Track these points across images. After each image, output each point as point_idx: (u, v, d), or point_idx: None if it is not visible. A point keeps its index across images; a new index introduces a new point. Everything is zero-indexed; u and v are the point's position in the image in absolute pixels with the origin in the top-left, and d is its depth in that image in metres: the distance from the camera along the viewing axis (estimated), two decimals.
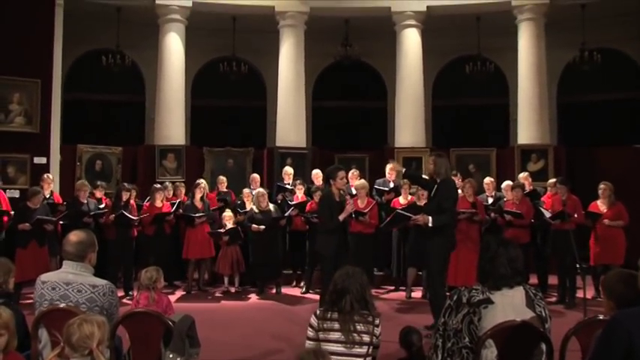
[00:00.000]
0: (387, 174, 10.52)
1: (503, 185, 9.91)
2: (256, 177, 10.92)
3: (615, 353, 2.78)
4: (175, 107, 13.10)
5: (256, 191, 9.92)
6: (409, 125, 13.25)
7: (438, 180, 6.73)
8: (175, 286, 9.97)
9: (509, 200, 9.32)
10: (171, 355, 4.12)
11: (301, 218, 9.90)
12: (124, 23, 13.21)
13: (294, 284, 10.18)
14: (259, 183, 10.80)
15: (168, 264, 8.82)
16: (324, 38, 13.72)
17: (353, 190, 9.66)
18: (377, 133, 15.10)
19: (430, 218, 6.62)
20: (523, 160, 12.41)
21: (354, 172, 10.36)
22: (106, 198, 10.00)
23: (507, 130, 14.43)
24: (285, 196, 10.50)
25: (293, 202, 10.00)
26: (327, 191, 7.15)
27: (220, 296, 9.41)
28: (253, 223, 9.54)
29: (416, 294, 9.30)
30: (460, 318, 3.33)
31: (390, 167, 10.31)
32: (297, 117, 13.29)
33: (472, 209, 8.72)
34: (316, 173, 10.63)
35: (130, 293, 8.87)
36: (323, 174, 9.93)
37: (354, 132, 15.42)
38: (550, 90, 13.64)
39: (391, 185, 10.31)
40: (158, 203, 9.73)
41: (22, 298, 7.93)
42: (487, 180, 10.34)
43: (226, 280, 9.66)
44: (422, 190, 8.85)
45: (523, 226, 8.99)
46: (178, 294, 9.49)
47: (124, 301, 8.01)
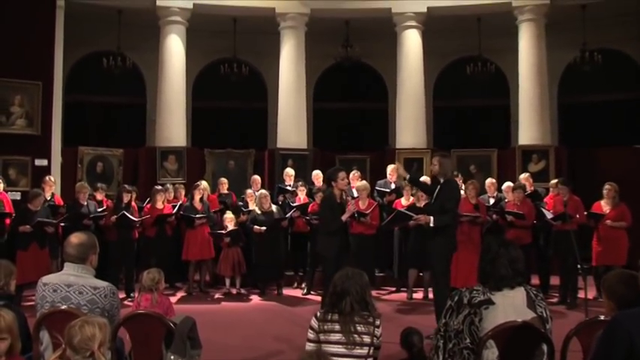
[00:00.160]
0: (389, 175, 10.52)
1: (503, 186, 9.90)
2: (257, 178, 10.93)
3: (616, 354, 2.78)
4: (176, 109, 13.10)
5: (259, 192, 9.93)
6: (410, 126, 13.25)
7: (442, 180, 6.73)
8: (176, 288, 9.97)
9: (510, 201, 9.32)
10: (172, 357, 4.12)
11: (303, 220, 9.90)
12: (125, 25, 13.20)
13: (295, 285, 10.18)
14: (260, 184, 10.82)
15: (169, 265, 8.85)
16: (325, 39, 13.72)
17: (354, 192, 9.66)
18: (378, 134, 15.09)
19: (432, 218, 6.62)
20: (524, 161, 12.40)
21: (355, 174, 10.37)
22: (107, 200, 10.02)
23: (508, 131, 14.42)
24: (285, 198, 10.51)
25: (295, 204, 10.00)
26: (329, 192, 7.15)
27: (221, 298, 9.41)
28: (255, 225, 9.55)
29: (417, 295, 9.30)
30: (461, 319, 3.33)
31: (393, 168, 10.38)
32: (298, 118, 13.29)
33: (475, 211, 8.71)
34: (316, 174, 10.64)
35: (132, 295, 8.86)
36: (324, 175, 9.95)
37: (355, 133, 15.41)
38: (551, 90, 13.63)
39: (392, 186, 10.31)
40: (159, 205, 9.72)
41: (24, 301, 7.93)
42: (489, 181, 10.32)
43: (227, 282, 9.66)
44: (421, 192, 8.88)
45: (524, 227, 8.99)
46: (179, 295, 9.50)
47: (126, 303, 7.99)
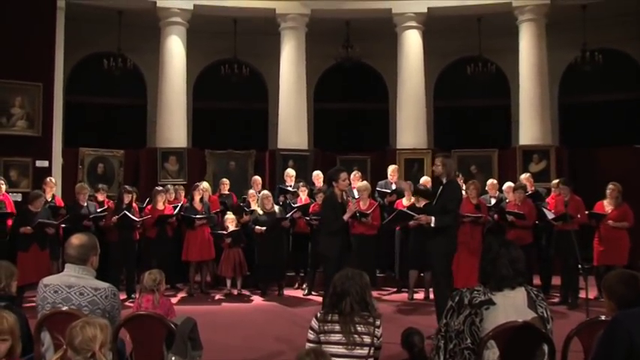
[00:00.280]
0: (389, 176, 10.53)
1: (504, 187, 9.89)
2: (258, 179, 10.94)
3: (616, 353, 2.78)
4: (177, 110, 13.11)
5: (261, 193, 9.93)
6: (411, 126, 13.25)
7: (444, 181, 6.72)
8: (177, 289, 9.97)
9: (511, 201, 9.32)
10: (173, 358, 4.12)
11: (304, 220, 9.90)
12: (126, 26, 13.22)
13: (296, 286, 10.18)
14: (261, 185, 10.83)
15: (170, 266, 8.84)
16: (325, 40, 13.73)
17: (355, 193, 9.65)
18: (378, 135, 15.09)
19: (433, 219, 6.62)
20: (525, 161, 12.41)
21: (356, 174, 10.38)
22: (109, 201, 10.01)
23: (509, 131, 14.41)
24: (286, 198, 10.50)
25: (296, 205, 10.00)
26: (330, 193, 7.16)
27: (222, 298, 9.41)
28: (257, 225, 9.56)
29: (418, 295, 9.30)
30: (462, 319, 3.33)
31: (394, 169, 10.52)
32: (298, 119, 13.29)
33: (476, 211, 8.71)
34: (317, 174, 10.63)
35: (133, 296, 8.83)
36: (324, 176, 9.95)
37: (356, 134, 15.41)
38: (551, 91, 13.62)
39: (393, 187, 10.31)
40: (160, 206, 9.71)
41: (25, 302, 7.92)
42: (490, 182, 10.31)
43: (229, 283, 9.66)
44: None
45: (525, 227, 8.98)
46: (180, 296, 9.50)
47: (127, 304, 7.99)
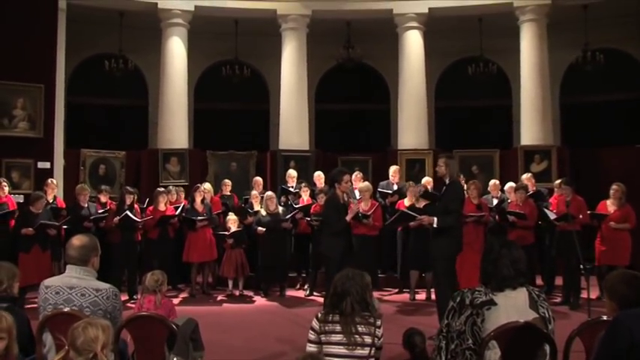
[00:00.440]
0: (391, 176, 10.54)
1: (506, 187, 9.89)
2: (259, 180, 10.94)
3: (618, 353, 2.79)
4: (178, 111, 13.12)
5: (265, 194, 9.93)
6: (412, 127, 13.25)
7: (447, 182, 6.72)
8: (179, 290, 9.98)
9: (512, 202, 9.32)
10: (175, 359, 4.13)
11: (305, 221, 9.90)
12: (127, 27, 13.23)
13: (298, 287, 10.18)
14: (262, 186, 10.83)
15: (171, 267, 8.84)
16: (326, 41, 13.74)
17: (357, 194, 9.64)
18: (380, 135, 15.09)
19: (435, 219, 6.62)
20: (526, 161, 12.40)
21: (358, 175, 10.37)
22: (112, 202, 10.00)
23: (510, 131, 14.39)
24: (288, 199, 10.50)
25: (298, 205, 10.00)
26: (332, 194, 7.17)
27: (224, 299, 9.41)
28: (260, 226, 9.57)
29: (420, 296, 9.30)
30: (463, 319, 3.33)
31: (395, 169, 10.52)
32: (299, 120, 13.29)
33: (478, 211, 8.70)
34: (318, 175, 10.64)
35: (135, 297, 8.82)
36: (326, 176, 9.95)
37: (357, 134, 15.41)
38: (553, 91, 13.62)
39: (395, 188, 10.31)
40: (161, 207, 9.71)
41: (26, 303, 7.92)
42: (492, 182, 10.29)
43: (230, 284, 9.66)
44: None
45: (526, 228, 8.98)
46: (182, 297, 9.50)
47: (128, 305, 8.00)
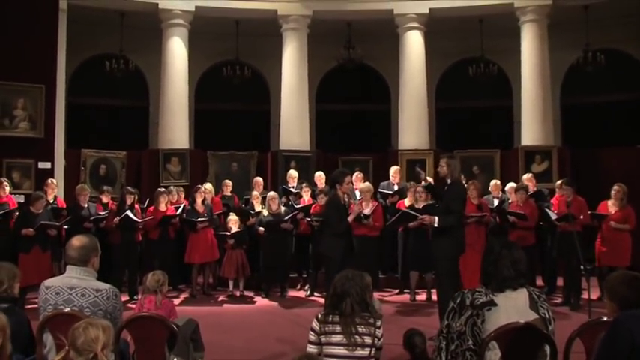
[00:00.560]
0: (391, 177, 10.54)
1: (507, 187, 9.89)
2: (259, 180, 10.94)
3: (618, 354, 2.79)
4: (179, 111, 13.12)
5: (269, 194, 9.92)
6: (413, 127, 13.24)
7: (449, 181, 6.72)
8: (179, 290, 9.98)
9: (513, 202, 9.32)
10: (175, 359, 4.13)
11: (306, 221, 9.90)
12: (128, 28, 13.23)
13: (298, 287, 10.18)
14: (262, 186, 10.83)
15: (172, 268, 8.84)
16: (327, 41, 13.73)
17: (357, 194, 9.64)
18: (380, 136, 15.09)
19: (436, 219, 6.61)
20: (527, 162, 12.38)
21: (358, 175, 10.37)
22: (113, 202, 10.00)
23: (511, 132, 14.39)
24: (289, 199, 10.50)
25: (299, 206, 10.00)
26: (334, 194, 7.17)
27: (225, 300, 9.41)
28: (261, 226, 9.58)
29: (420, 297, 9.29)
30: (463, 320, 3.33)
31: (396, 170, 10.65)
32: (300, 120, 13.29)
33: (478, 211, 8.70)
34: (319, 175, 10.63)
35: (135, 297, 8.84)
36: (327, 177, 9.95)
37: (358, 135, 15.40)
38: (553, 91, 13.61)
39: (395, 188, 10.31)
40: (162, 207, 9.72)
41: (27, 303, 7.93)
42: (493, 183, 10.30)
43: (231, 284, 9.66)
44: (420, 193, 8.89)
45: (527, 228, 8.98)
46: (183, 297, 9.51)
47: (129, 305, 8.01)
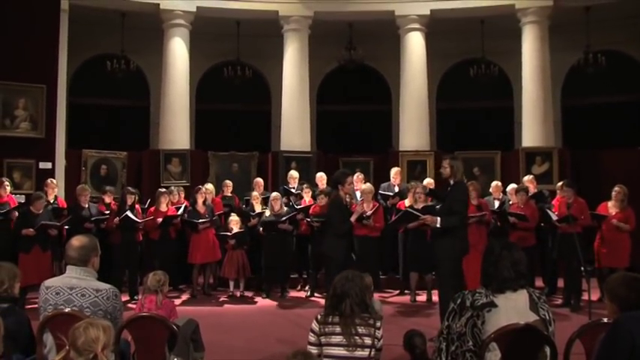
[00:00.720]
0: (392, 178, 10.54)
1: (508, 188, 9.89)
2: (260, 181, 10.94)
3: (619, 355, 2.79)
4: (180, 112, 13.13)
5: (272, 195, 9.92)
6: (413, 128, 13.24)
7: (452, 182, 6.72)
8: (180, 290, 9.98)
9: (514, 203, 9.32)
10: (175, 359, 4.13)
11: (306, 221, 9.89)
12: (129, 28, 13.23)
13: (299, 288, 10.18)
14: (263, 187, 10.83)
15: (172, 268, 8.84)
16: (328, 42, 13.74)
17: (357, 195, 9.64)
18: (381, 137, 15.09)
19: (439, 219, 6.61)
20: (528, 163, 12.38)
21: (359, 176, 10.36)
22: (116, 202, 9.99)
23: (512, 133, 14.40)
24: (290, 200, 10.50)
25: (300, 206, 10.00)
26: (336, 195, 7.17)
27: (225, 300, 9.41)
28: (262, 227, 9.58)
29: (421, 298, 9.29)
30: (464, 321, 3.32)
31: (397, 171, 10.61)
32: (301, 121, 13.29)
33: (478, 211, 8.68)
34: (320, 176, 10.62)
35: (136, 297, 8.84)
36: (328, 178, 9.95)
37: (359, 135, 15.40)
38: (554, 92, 13.61)
39: (396, 189, 10.30)
40: (163, 207, 9.72)
41: (27, 303, 7.94)
42: (494, 184, 10.30)
43: (232, 284, 9.66)
44: (419, 194, 8.89)
45: (528, 229, 8.98)
46: (183, 298, 9.51)
47: (129, 306, 8.01)
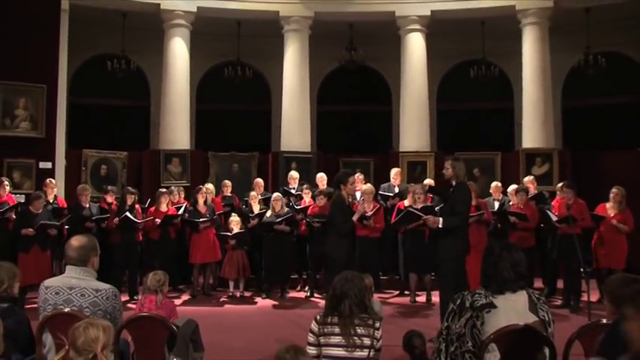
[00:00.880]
0: (392, 179, 10.54)
1: (509, 189, 9.89)
2: (260, 181, 10.93)
3: (619, 354, 2.79)
4: (180, 112, 13.13)
5: (273, 195, 9.91)
6: (414, 129, 13.24)
7: (454, 183, 6.72)
8: (180, 290, 9.97)
9: (514, 204, 9.33)
10: (175, 359, 4.13)
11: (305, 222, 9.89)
12: (129, 28, 13.23)
13: (298, 288, 10.18)
14: (263, 187, 10.82)
15: (172, 268, 8.84)
16: (329, 42, 13.73)
17: (357, 195, 9.64)
18: (381, 137, 15.09)
19: (441, 219, 6.61)
20: (528, 164, 12.38)
21: (359, 176, 10.35)
22: (117, 202, 9.99)
23: (512, 134, 14.40)
24: (290, 200, 10.50)
25: (300, 207, 9.99)
26: (338, 195, 7.17)
27: (225, 300, 9.41)
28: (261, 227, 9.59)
29: (420, 298, 9.29)
30: (463, 322, 3.33)
31: (397, 172, 10.63)
32: (301, 121, 13.29)
33: (477, 212, 8.68)
34: (320, 177, 10.62)
35: (135, 297, 8.84)
36: (328, 178, 9.94)
37: (359, 136, 15.41)
38: (554, 94, 13.61)
39: (396, 190, 10.30)
40: (163, 207, 9.73)
41: (27, 303, 7.94)
42: (494, 185, 10.30)
43: (232, 285, 9.66)
44: (418, 194, 8.89)
45: (528, 230, 8.98)
46: (183, 298, 9.50)
47: (129, 306, 8.01)
